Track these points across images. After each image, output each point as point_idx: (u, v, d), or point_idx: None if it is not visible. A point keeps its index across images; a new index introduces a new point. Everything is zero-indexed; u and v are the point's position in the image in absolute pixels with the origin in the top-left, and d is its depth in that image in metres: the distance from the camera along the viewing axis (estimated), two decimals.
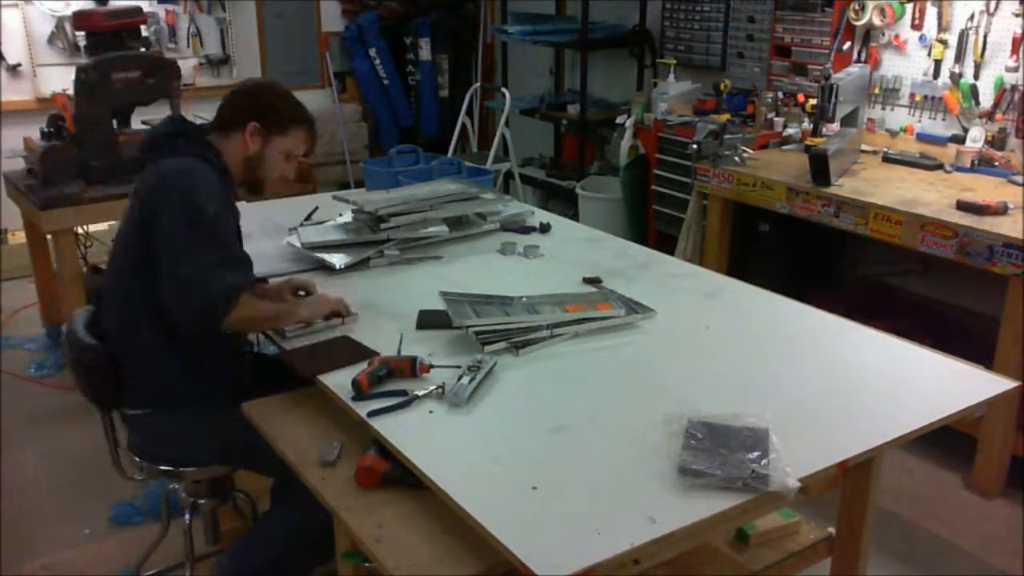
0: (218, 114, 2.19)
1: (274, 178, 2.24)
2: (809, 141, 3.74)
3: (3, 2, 5.16)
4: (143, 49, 4.14)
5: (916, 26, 3.72)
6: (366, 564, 1.63)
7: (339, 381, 1.85)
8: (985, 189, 3.24)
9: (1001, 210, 2.95)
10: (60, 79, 4.89)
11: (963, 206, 3.01)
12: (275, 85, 2.28)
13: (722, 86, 4.33)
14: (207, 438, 2.15)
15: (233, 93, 2.23)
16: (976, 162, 3.47)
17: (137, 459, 2.20)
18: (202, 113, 3.38)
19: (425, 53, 6.44)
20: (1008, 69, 3.43)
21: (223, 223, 2.04)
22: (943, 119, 3.72)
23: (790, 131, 4.02)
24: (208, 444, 2.16)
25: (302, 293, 2.29)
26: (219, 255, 1.98)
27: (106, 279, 2.19)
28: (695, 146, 3.73)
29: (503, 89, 5.44)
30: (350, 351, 2.00)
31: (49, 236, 3.82)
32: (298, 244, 2.64)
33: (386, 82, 6.56)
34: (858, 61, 3.96)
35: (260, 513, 2.30)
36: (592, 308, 2.13)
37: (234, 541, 2.22)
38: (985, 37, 3.48)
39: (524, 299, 2.15)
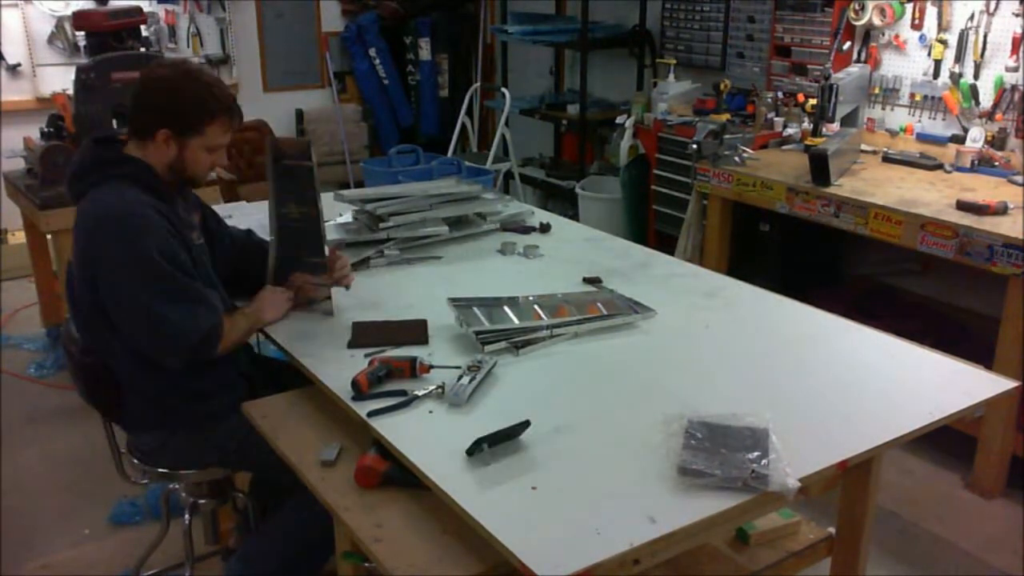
0: (129, 120, 2.04)
1: (203, 175, 2.11)
2: (809, 141, 3.74)
3: (3, 2, 5.16)
4: (143, 49, 4.14)
5: (916, 26, 3.73)
6: (366, 564, 1.63)
7: (339, 381, 1.85)
8: (985, 189, 3.24)
9: (1001, 210, 2.95)
10: (60, 79, 4.89)
11: (963, 206, 3.01)
12: (178, 80, 2.00)
13: (722, 86, 4.33)
14: (207, 449, 2.15)
15: (135, 96, 2.02)
16: (976, 162, 3.47)
17: (137, 461, 2.20)
18: None
19: (425, 53, 6.44)
20: (1008, 69, 3.43)
21: (174, 258, 1.95)
22: (943, 119, 3.72)
23: (790, 131, 4.02)
24: (209, 453, 2.16)
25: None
26: (185, 299, 1.93)
27: (73, 311, 2.10)
28: (695, 146, 3.73)
29: (503, 89, 5.44)
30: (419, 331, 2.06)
31: (49, 236, 3.82)
32: None
33: (386, 82, 6.56)
34: (858, 61, 3.96)
35: (267, 515, 2.30)
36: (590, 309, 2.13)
37: (241, 545, 2.22)
38: (985, 37, 3.48)
39: (531, 298, 2.15)
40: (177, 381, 2.04)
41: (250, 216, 2.71)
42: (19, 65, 5.28)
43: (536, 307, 2.10)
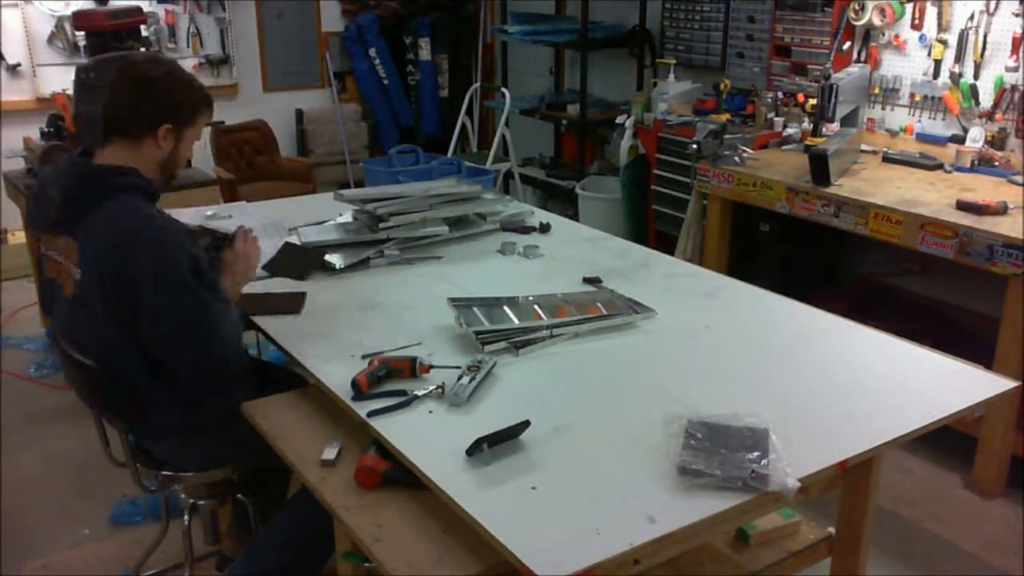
0: (116, 121, 1.95)
1: (182, 166, 2.10)
2: (809, 141, 3.74)
3: (3, 2, 5.15)
4: (143, 49, 4.14)
5: (916, 26, 3.72)
6: (366, 564, 1.63)
7: (339, 381, 1.85)
8: (985, 189, 3.24)
9: (1001, 210, 2.95)
10: (60, 79, 4.89)
11: (963, 206, 3.00)
12: (168, 73, 1.99)
13: (722, 86, 4.33)
14: (220, 451, 2.16)
15: (129, 93, 1.95)
16: (976, 162, 3.46)
17: (140, 466, 2.19)
18: None
19: (425, 53, 6.44)
20: (1008, 69, 3.43)
21: (207, 269, 1.96)
22: (943, 119, 3.72)
23: (790, 131, 4.02)
24: (221, 455, 2.17)
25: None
26: (210, 312, 1.91)
27: (78, 334, 2.02)
28: (695, 146, 3.73)
29: (503, 89, 5.44)
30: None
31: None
32: (298, 244, 2.64)
33: (386, 82, 6.56)
34: (858, 61, 3.96)
35: (267, 515, 2.30)
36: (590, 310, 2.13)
37: (245, 546, 2.22)
38: (985, 37, 3.48)
39: (531, 298, 2.14)
40: (190, 391, 2.03)
41: (251, 216, 2.71)
42: (19, 65, 5.28)
43: (536, 307, 2.10)
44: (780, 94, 4.23)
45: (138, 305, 1.87)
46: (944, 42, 3.62)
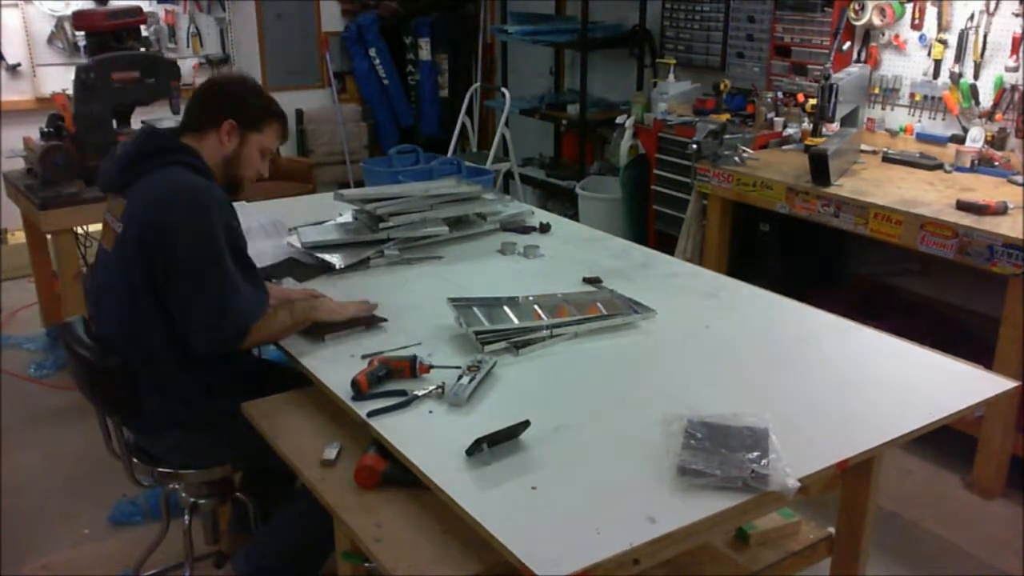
0: (189, 114, 2.13)
1: (251, 177, 2.18)
2: (809, 141, 3.74)
3: (3, 2, 5.16)
4: (143, 49, 4.14)
5: (916, 26, 3.72)
6: (366, 564, 1.63)
7: (339, 381, 1.85)
8: (985, 189, 3.24)
9: (1001, 210, 2.95)
10: (60, 79, 4.88)
11: (963, 206, 3.01)
12: (246, 79, 2.23)
13: (722, 86, 4.33)
14: (218, 449, 2.16)
15: (203, 91, 2.16)
16: (976, 162, 3.46)
17: (136, 461, 2.20)
18: None
19: (425, 53, 6.44)
20: (1008, 69, 3.43)
21: (236, 241, 2.03)
22: (943, 119, 3.72)
23: (790, 131, 4.02)
24: (219, 453, 2.17)
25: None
26: (253, 277, 2.02)
27: (103, 299, 2.10)
28: (695, 146, 3.73)
29: (503, 89, 5.44)
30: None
31: (49, 236, 3.82)
32: (298, 244, 2.64)
33: (386, 82, 6.56)
34: (858, 61, 3.96)
35: (267, 514, 2.30)
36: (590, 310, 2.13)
37: (245, 546, 2.22)
38: (985, 37, 3.48)
39: (531, 298, 2.14)
40: (198, 376, 2.05)
41: (251, 216, 2.71)
42: (19, 65, 5.28)
43: (536, 307, 2.10)
44: (780, 94, 4.23)
45: (169, 254, 1.93)
46: (944, 42, 3.62)
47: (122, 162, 2.06)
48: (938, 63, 3.66)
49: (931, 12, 3.65)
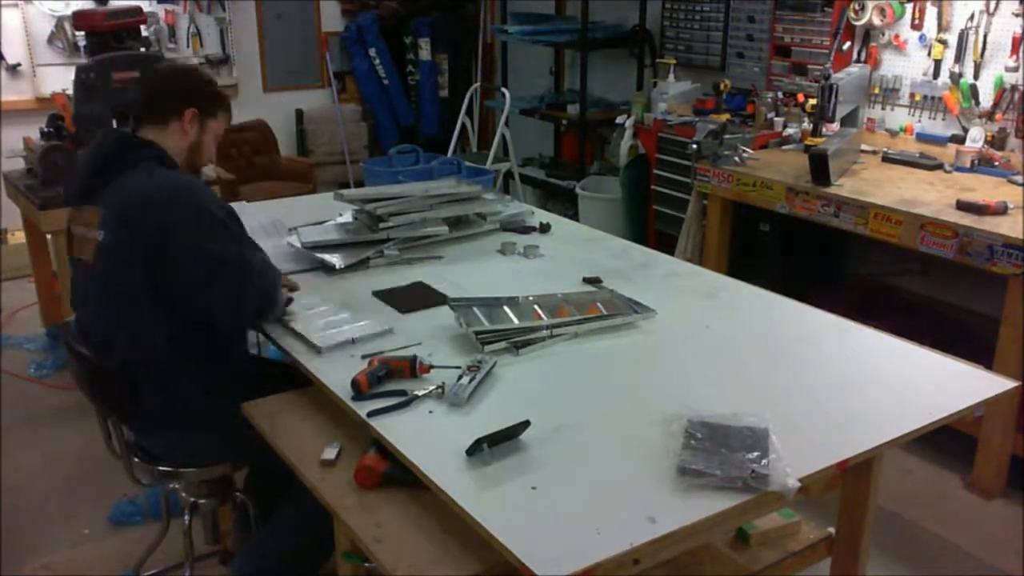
0: (146, 107, 2.14)
1: (207, 163, 2.25)
2: (809, 141, 3.74)
3: (3, 2, 5.16)
4: (143, 49, 4.14)
5: (916, 26, 3.73)
6: (366, 564, 1.63)
7: (339, 381, 1.85)
8: (985, 189, 3.24)
9: (1001, 210, 2.95)
10: (60, 79, 4.88)
11: (963, 206, 3.01)
12: (195, 67, 2.29)
13: (722, 86, 4.33)
14: (218, 448, 2.16)
15: (158, 81, 2.19)
16: (976, 162, 3.46)
17: (137, 460, 2.20)
18: None
19: (425, 53, 6.44)
20: (1008, 69, 3.43)
21: (229, 217, 2.07)
22: (943, 119, 3.72)
23: (790, 131, 4.02)
24: (219, 452, 2.17)
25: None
26: (247, 251, 2.06)
27: (96, 307, 2.08)
28: (695, 146, 3.73)
29: (503, 89, 5.44)
30: (426, 295, 2.28)
31: (49, 236, 3.82)
32: (298, 244, 2.64)
33: (386, 82, 6.57)
34: (858, 61, 3.96)
35: (267, 514, 2.30)
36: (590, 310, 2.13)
37: (245, 545, 2.22)
38: (985, 37, 3.48)
39: (531, 298, 2.14)
40: (198, 376, 2.06)
41: (251, 216, 2.71)
42: (19, 65, 5.28)
43: (536, 307, 2.10)
44: (780, 94, 4.23)
45: (173, 249, 1.94)
46: (944, 42, 3.62)
47: (90, 170, 2.07)
48: (938, 63, 3.66)
49: (931, 12, 3.66)
